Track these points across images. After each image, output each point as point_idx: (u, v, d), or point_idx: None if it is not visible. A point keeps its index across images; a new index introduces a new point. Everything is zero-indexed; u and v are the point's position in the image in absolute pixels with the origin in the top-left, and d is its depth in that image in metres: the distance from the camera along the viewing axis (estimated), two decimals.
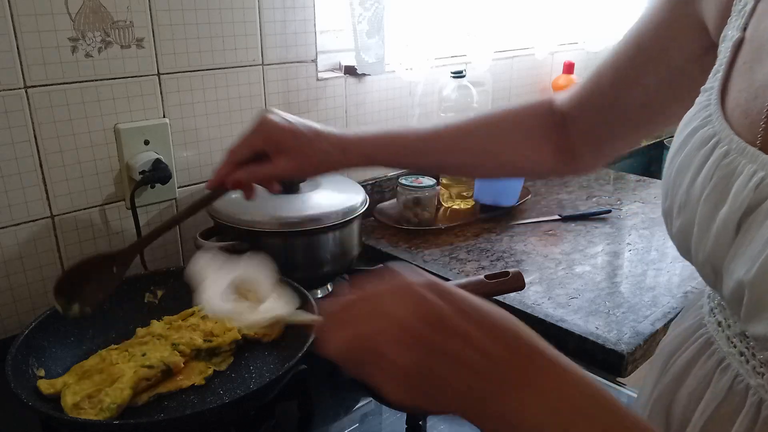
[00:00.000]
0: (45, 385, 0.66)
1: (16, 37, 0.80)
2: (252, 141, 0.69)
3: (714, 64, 0.51)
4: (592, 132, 0.72)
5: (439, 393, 0.38)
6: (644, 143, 1.96)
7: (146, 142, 0.94)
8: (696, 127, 0.48)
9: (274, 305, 0.52)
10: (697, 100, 0.50)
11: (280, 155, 0.68)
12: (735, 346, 0.47)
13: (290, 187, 0.93)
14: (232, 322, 0.67)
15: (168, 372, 0.70)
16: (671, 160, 0.50)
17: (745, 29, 0.48)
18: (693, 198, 0.46)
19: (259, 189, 0.94)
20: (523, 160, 0.75)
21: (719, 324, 0.50)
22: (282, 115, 0.69)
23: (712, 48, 0.54)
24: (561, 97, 0.74)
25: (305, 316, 0.49)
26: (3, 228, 0.84)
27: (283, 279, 0.55)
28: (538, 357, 0.38)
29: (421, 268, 1.06)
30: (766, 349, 0.43)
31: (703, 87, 0.50)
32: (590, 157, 0.75)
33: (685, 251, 0.49)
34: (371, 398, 0.76)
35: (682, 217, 0.47)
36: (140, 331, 0.77)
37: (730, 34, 0.49)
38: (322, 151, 0.69)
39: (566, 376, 0.38)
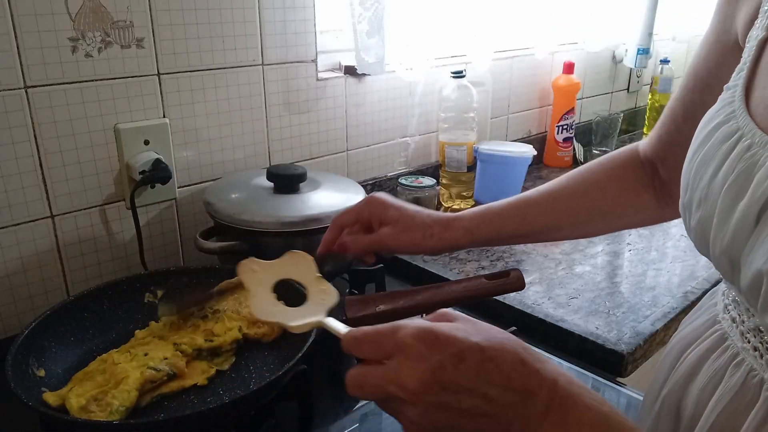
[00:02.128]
0: (53, 398, 0.65)
1: (16, 37, 0.80)
2: (357, 210, 0.74)
3: None
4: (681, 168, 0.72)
5: None
6: None
7: (146, 142, 0.94)
8: (719, 122, 0.49)
9: (315, 307, 0.56)
10: (720, 97, 0.51)
11: (382, 226, 0.72)
12: (749, 342, 0.48)
13: (289, 186, 0.93)
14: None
15: (173, 376, 0.70)
16: (692, 155, 0.51)
17: None
18: (714, 191, 0.46)
19: (259, 191, 0.94)
20: (625, 211, 0.74)
21: (733, 320, 0.51)
22: (389, 195, 0.74)
23: None
24: (644, 143, 0.74)
25: (338, 327, 0.51)
26: (3, 228, 0.84)
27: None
28: (548, 390, 0.41)
29: (420, 268, 1.07)
30: None
31: (726, 85, 0.51)
32: None
33: (703, 245, 0.49)
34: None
35: (702, 210, 0.48)
36: (139, 333, 0.77)
37: (755, 34, 0.50)
38: (425, 225, 0.72)
39: (578, 401, 0.41)
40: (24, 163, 0.84)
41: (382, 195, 0.74)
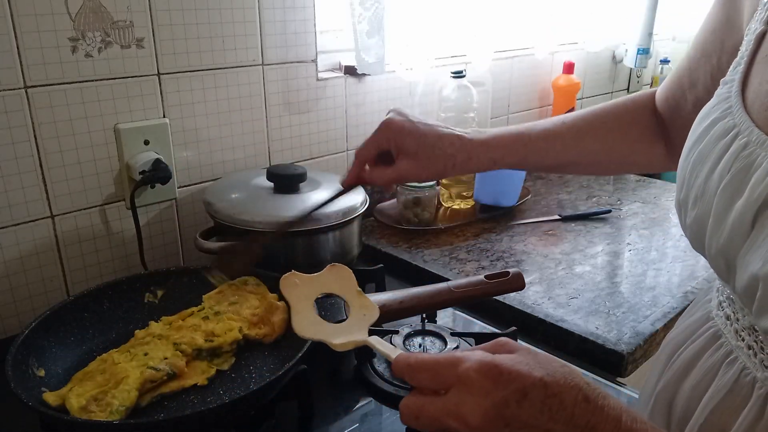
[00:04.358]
0: (53, 398, 0.65)
1: (16, 37, 0.80)
2: (376, 141, 0.72)
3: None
4: (685, 130, 0.73)
5: None
6: None
7: (146, 142, 0.94)
8: (716, 118, 0.48)
9: (357, 323, 0.57)
10: (717, 92, 0.50)
11: (403, 158, 0.71)
12: (743, 340, 0.47)
13: (289, 186, 0.93)
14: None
15: (173, 376, 0.70)
16: (688, 151, 0.50)
17: None
18: (710, 189, 0.46)
19: (259, 191, 0.95)
20: (638, 158, 0.75)
21: (727, 318, 0.50)
22: (407, 116, 0.72)
23: None
24: (658, 94, 0.74)
25: (387, 349, 0.50)
26: (3, 228, 0.84)
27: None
28: (612, 427, 0.40)
29: (421, 268, 1.07)
30: None
31: (723, 79, 0.50)
32: None
33: (698, 243, 0.49)
34: (371, 398, 0.76)
35: (698, 208, 0.47)
36: (139, 333, 0.76)
37: (753, 27, 0.49)
38: (447, 155, 0.70)
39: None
40: (24, 163, 0.84)
41: (399, 118, 0.72)
